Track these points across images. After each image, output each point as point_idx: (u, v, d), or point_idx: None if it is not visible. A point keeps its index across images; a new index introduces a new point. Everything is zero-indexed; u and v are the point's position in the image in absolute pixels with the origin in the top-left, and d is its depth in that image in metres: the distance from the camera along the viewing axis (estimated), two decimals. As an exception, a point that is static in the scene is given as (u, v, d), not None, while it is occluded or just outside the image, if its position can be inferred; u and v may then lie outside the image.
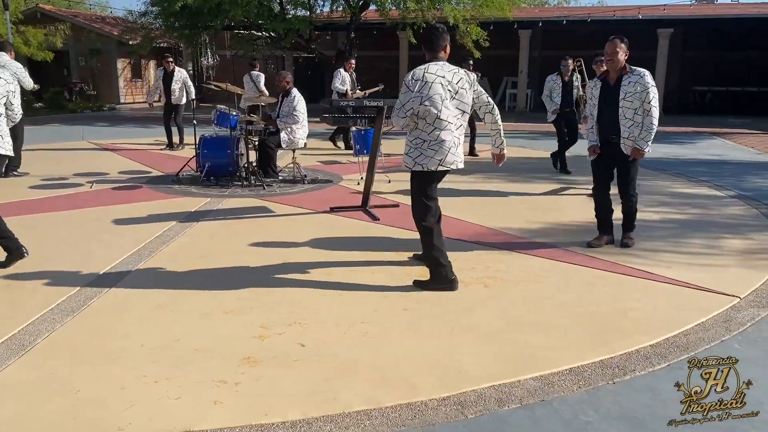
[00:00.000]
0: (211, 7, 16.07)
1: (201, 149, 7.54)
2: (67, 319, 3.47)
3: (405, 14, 16.44)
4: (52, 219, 5.79)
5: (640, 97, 4.55)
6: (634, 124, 4.60)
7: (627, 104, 4.60)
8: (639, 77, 4.57)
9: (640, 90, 4.54)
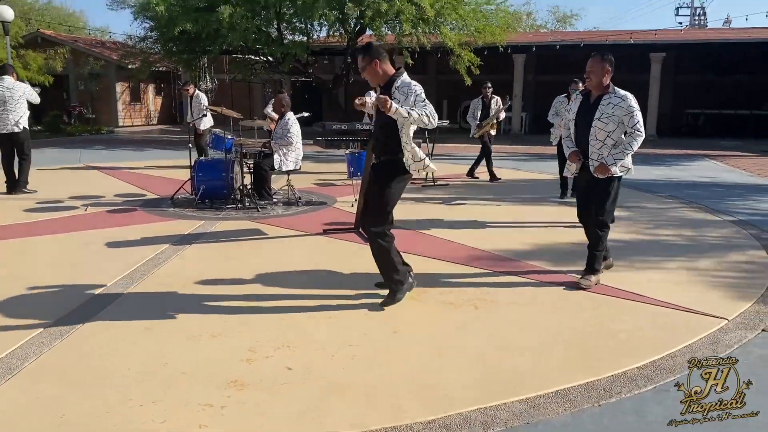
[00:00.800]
0: (209, 32, 16.25)
1: (196, 172, 7.60)
2: (56, 342, 3.46)
3: (400, 38, 16.66)
4: (45, 242, 5.81)
5: (618, 120, 4.29)
6: (604, 146, 4.34)
7: (600, 125, 4.33)
8: (621, 100, 4.30)
9: (621, 114, 4.28)
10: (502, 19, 17.41)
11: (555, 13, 39.53)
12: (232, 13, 15.23)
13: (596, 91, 4.40)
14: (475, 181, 10.06)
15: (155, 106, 27.55)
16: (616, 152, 4.31)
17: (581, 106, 4.52)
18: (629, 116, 4.29)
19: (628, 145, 4.33)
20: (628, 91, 4.43)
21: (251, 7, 15.80)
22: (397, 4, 15.07)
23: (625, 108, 4.28)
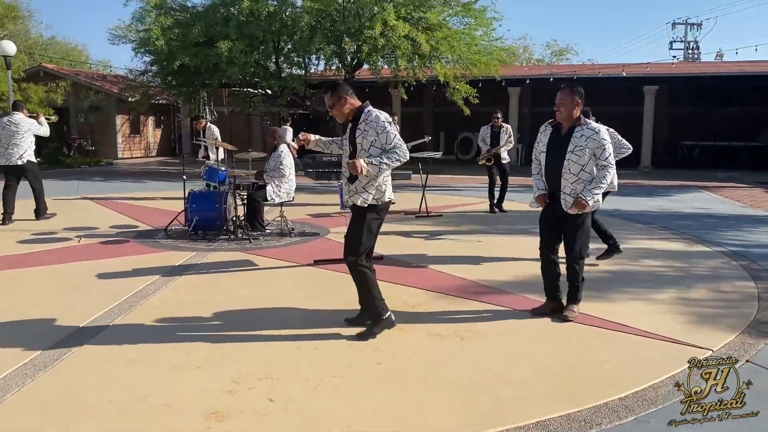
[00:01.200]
0: (208, 66, 16.54)
1: (189, 203, 7.65)
2: (39, 374, 3.46)
3: (396, 72, 16.93)
4: (36, 273, 5.83)
5: (591, 152, 4.25)
6: (578, 180, 4.28)
7: (574, 158, 4.26)
8: (593, 132, 4.26)
9: (593, 146, 4.24)
10: (496, 52, 17.73)
11: (551, 47, 40.08)
12: (230, 48, 15.51)
13: (566, 123, 4.35)
14: (468, 213, 10.11)
15: (155, 138, 27.80)
16: (592, 186, 4.26)
17: (551, 139, 4.44)
18: (601, 149, 4.25)
19: (602, 179, 4.28)
20: (605, 125, 4.52)
21: (249, 42, 16.10)
22: (393, 39, 15.36)
23: (597, 141, 4.24)
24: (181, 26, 16.95)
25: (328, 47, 16.42)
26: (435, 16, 16.21)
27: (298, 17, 16.11)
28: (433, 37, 16.25)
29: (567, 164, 4.30)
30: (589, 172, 4.29)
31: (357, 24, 15.76)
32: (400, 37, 15.26)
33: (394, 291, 5.21)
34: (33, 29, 31.24)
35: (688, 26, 40.93)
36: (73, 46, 38.71)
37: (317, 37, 15.69)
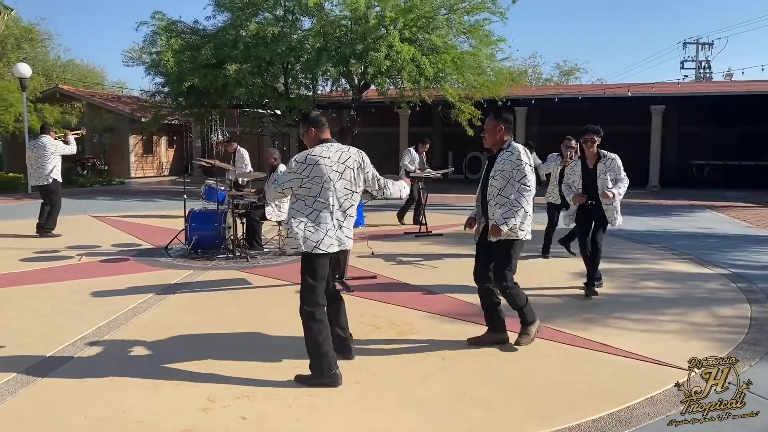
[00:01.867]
0: (217, 87, 16.80)
1: (189, 222, 7.74)
2: (21, 390, 3.52)
3: (402, 93, 17.08)
4: (32, 291, 5.91)
5: (508, 175, 4.06)
6: (497, 205, 4.11)
7: (495, 183, 4.13)
8: (510, 154, 4.09)
9: (510, 168, 4.05)
10: (501, 75, 17.83)
11: (560, 67, 40.13)
12: (238, 69, 15.77)
13: (495, 149, 4.23)
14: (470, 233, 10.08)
15: (167, 157, 28.16)
16: (506, 211, 4.03)
17: (486, 166, 4.32)
18: (517, 170, 4.04)
19: (516, 203, 4.02)
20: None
21: (257, 64, 16.35)
22: (399, 62, 15.52)
23: (513, 162, 4.06)
24: (191, 48, 17.28)
25: (335, 69, 16.63)
26: (440, 38, 16.36)
27: (304, 40, 16.35)
28: (440, 59, 16.40)
29: (490, 190, 4.18)
30: (506, 196, 4.07)
31: (362, 46, 15.97)
32: (405, 59, 15.43)
33: (383, 310, 5.24)
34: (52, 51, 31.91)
35: (699, 46, 40.90)
36: (91, 68, 39.52)
37: (323, 59, 15.92)
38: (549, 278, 6.57)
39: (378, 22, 16.10)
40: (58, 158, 9.46)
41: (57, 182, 9.47)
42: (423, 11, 16.25)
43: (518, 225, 4.04)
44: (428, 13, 16.47)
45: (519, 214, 4.01)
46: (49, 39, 29.34)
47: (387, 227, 10.53)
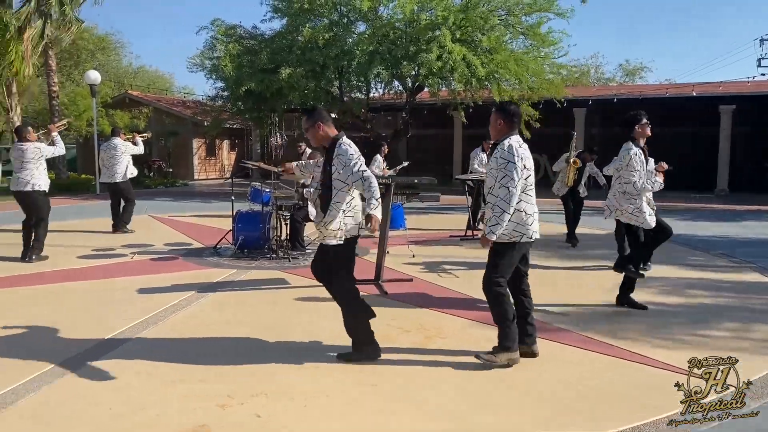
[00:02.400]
0: (272, 91, 17.18)
1: (236, 223, 7.95)
2: (55, 381, 3.69)
3: (454, 94, 16.95)
4: (82, 287, 6.20)
5: (495, 174, 3.81)
6: (488, 205, 3.91)
7: (488, 181, 3.95)
8: (500, 151, 3.80)
9: (496, 167, 3.80)
10: (558, 76, 17.42)
11: (624, 67, 38.69)
12: (291, 74, 16.07)
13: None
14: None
15: (229, 160, 29.02)
16: (491, 218, 3.77)
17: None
18: (500, 170, 3.76)
19: (497, 207, 3.74)
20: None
21: (311, 68, 16.61)
22: (450, 63, 15.41)
23: (498, 159, 3.79)
24: (249, 53, 17.75)
25: (387, 71, 16.69)
26: (493, 39, 16.12)
27: (356, 43, 16.49)
28: (493, 60, 16.19)
29: (486, 189, 4.01)
30: (495, 195, 3.81)
31: (414, 48, 15.96)
32: (456, 60, 15.31)
33: (415, 314, 5.20)
34: (124, 59, 33.57)
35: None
36: (160, 74, 41.24)
37: (375, 62, 16.00)
38: (591, 280, 6.35)
39: (430, 22, 16.07)
40: (128, 158, 10.13)
41: (127, 181, 10.13)
42: (478, 11, 16.10)
43: (504, 231, 3.78)
44: (483, 14, 16.30)
45: (503, 219, 3.74)
46: (121, 47, 30.82)
47: (433, 231, 10.45)
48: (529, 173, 3.86)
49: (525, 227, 3.85)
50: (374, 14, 17.24)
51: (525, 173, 3.81)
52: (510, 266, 3.93)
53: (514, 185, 3.73)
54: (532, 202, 3.91)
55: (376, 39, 16.56)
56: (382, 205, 6.06)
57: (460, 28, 16.38)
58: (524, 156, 3.81)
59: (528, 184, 3.86)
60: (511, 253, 3.90)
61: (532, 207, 3.88)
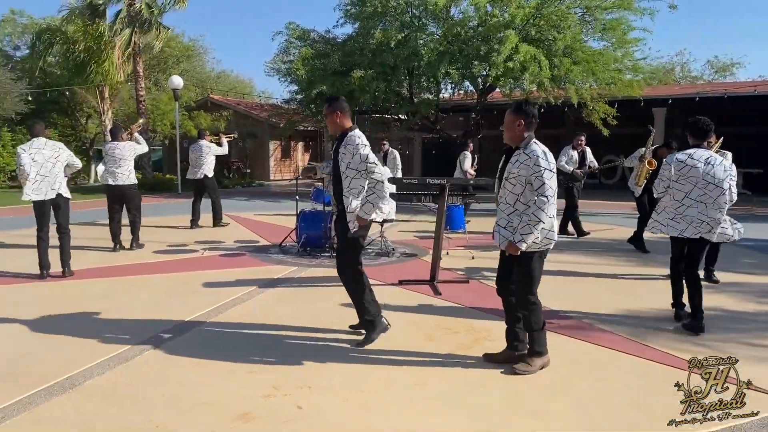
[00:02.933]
0: (343, 93, 17.50)
1: (299, 222, 8.19)
2: (119, 366, 3.97)
3: (527, 94, 16.64)
4: (153, 280, 6.58)
5: (525, 181, 3.69)
6: (515, 212, 3.78)
7: (509, 186, 3.80)
8: (527, 157, 3.68)
9: (527, 174, 3.67)
10: (638, 74, 16.74)
11: (713, 63, 36.48)
12: (362, 76, 16.31)
13: (513, 145, 3.87)
14: (579, 238, 9.60)
15: (303, 161, 29.78)
16: (522, 226, 3.68)
17: (502, 164, 3.96)
18: (535, 177, 3.63)
19: (534, 216, 3.62)
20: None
21: (382, 69, 16.79)
22: (520, 63, 15.15)
23: (531, 167, 3.65)
24: (321, 56, 18.17)
25: (456, 71, 16.60)
26: (569, 38, 15.71)
27: (427, 43, 16.51)
28: (567, 59, 15.79)
29: (502, 192, 3.87)
30: (525, 203, 3.72)
31: (486, 48, 15.80)
32: (528, 59, 15.03)
33: (466, 315, 5.20)
34: (207, 64, 35.17)
35: None
36: (240, 79, 42.87)
37: (444, 62, 15.96)
38: (650, 287, 6.08)
39: (501, 21, 15.86)
40: (212, 158, 10.92)
41: (210, 178, 10.87)
42: (553, 9, 15.75)
43: (537, 239, 3.69)
44: (559, 12, 15.93)
45: (537, 228, 3.64)
46: (204, 53, 32.30)
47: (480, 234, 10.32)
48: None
49: (552, 233, 3.79)
50: (446, 14, 17.21)
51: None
52: (540, 275, 3.86)
53: (553, 193, 3.64)
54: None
55: (447, 39, 16.53)
56: (438, 206, 6.11)
57: (534, 26, 16.09)
58: (552, 161, 3.72)
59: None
60: (541, 262, 3.84)
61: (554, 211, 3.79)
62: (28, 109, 20.06)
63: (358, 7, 17.98)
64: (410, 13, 17.74)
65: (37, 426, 3.13)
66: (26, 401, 3.40)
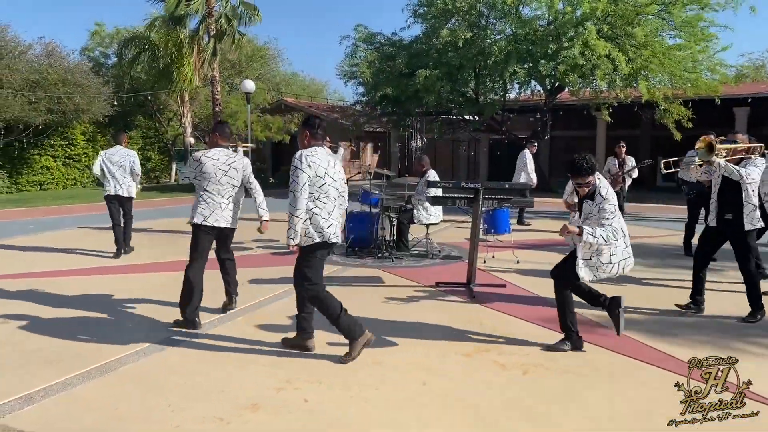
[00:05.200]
0: (408, 95, 17.66)
1: (348, 222, 8.40)
2: (153, 354, 4.28)
3: (597, 93, 16.17)
4: (206, 275, 6.94)
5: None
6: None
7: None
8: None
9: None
10: (718, 72, 15.91)
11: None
12: (428, 76, 16.38)
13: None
14: (646, 245, 9.26)
15: (372, 162, 30.21)
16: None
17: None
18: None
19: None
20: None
21: (447, 70, 16.80)
22: (593, 59, 14.76)
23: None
24: (387, 59, 18.41)
25: (523, 71, 16.37)
26: (646, 33, 15.12)
27: (493, 42, 16.38)
28: (641, 55, 15.23)
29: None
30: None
31: (555, 46, 15.49)
32: (600, 56, 14.62)
33: (491, 318, 5.21)
34: (283, 67, 36.33)
35: None
36: (315, 81, 43.96)
37: (512, 61, 15.78)
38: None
39: (574, 17, 15.51)
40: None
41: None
42: (631, 3, 15.24)
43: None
44: (637, 6, 15.40)
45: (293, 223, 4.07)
46: (277, 55, 33.39)
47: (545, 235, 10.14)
48: None
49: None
50: (515, 12, 17.00)
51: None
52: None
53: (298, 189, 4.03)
54: None
55: (515, 37, 16.34)
56: (473, 209, 6.13)
57: (607, 23, 15.63)
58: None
59: None
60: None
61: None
62: (113, 112, 21.50)
63: (426, 7, 18.10)
64: (478, 11, 17.63)
65: (71, 405, 3.45)
66: (66, 382, 3.76)
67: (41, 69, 18.05)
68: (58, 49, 20.19)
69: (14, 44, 18.15)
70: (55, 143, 21.61)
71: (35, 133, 19.29)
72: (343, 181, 4.37)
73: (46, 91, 17.64)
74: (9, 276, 6.84)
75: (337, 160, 4.49)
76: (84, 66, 21.80)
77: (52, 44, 20.10)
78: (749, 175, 4.93)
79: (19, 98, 16.86)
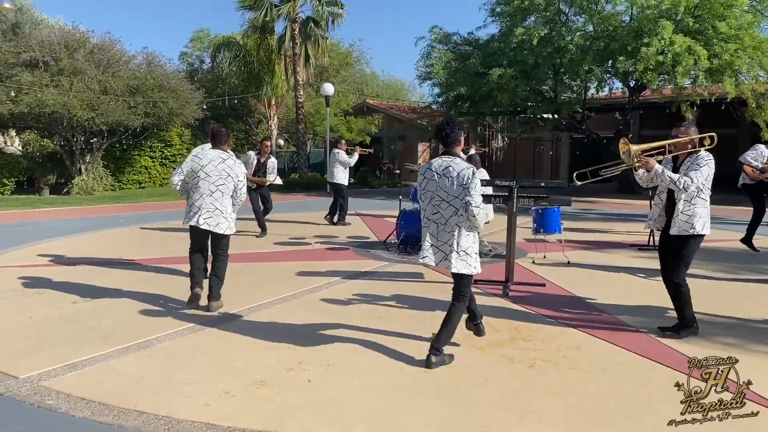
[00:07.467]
0: (482, 94, 17.57)
1: (400, 221, 8.59)
2: (189, 334, 4.69)
3: (679, 91, 15.37)
4: (260, 267, 7.38)
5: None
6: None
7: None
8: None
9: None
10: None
11: None
12: (501, 75, 16.24)
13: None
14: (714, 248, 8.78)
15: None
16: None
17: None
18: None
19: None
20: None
21: (521, 68, 16.57)
22: (671, 56, 14.07)
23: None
24: (461, 58, 18.40)
25: (599, 68, 15.85)
26: (734, 26, 14.24)
27: (572, 39, 15.97)
28: (727, 49, 14.34)
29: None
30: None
31: (635, 43, 14.90)
32: (681, 52, 13.91)
33: (516, 316, 5.24)
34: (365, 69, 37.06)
35: None
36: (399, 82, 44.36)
37: (588, 58, 15.33)
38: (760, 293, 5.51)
39: (655, 14, 14.85)
40: (338, 166, 11.56)
41: (337, 184, 11.52)
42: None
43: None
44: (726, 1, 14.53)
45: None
46: (360, 56, 34.10)
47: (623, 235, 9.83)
48: None
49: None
50: (594, 7, 16.50)
51: None
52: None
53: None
54: None
55: (593, 34, 15.87)
56: (508, 208, 6.13)
57: (693, 17, 14.84)
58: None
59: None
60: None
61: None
62: (203, 115, 22.90)
63: (504, 5, 17.93)
64: (555, 7, 17.23)
65: (104, 374, 3.88)
66: (107, 354, 4.22)
67: (141, 75, 19.58)
68: (157, 59, 21.81)
69: (120, 55, 19.80)
70: (153, 145, 23.33)
71: (134, 135, 20.91)
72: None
73: (144, 96, 19.10)
74: (93, 263, 7.59)
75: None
76: (179, 74, 23.38)
77: (152, 54, 21.77)
78: (688, 186, 4.46)
79: (120, 103, 18.38)
